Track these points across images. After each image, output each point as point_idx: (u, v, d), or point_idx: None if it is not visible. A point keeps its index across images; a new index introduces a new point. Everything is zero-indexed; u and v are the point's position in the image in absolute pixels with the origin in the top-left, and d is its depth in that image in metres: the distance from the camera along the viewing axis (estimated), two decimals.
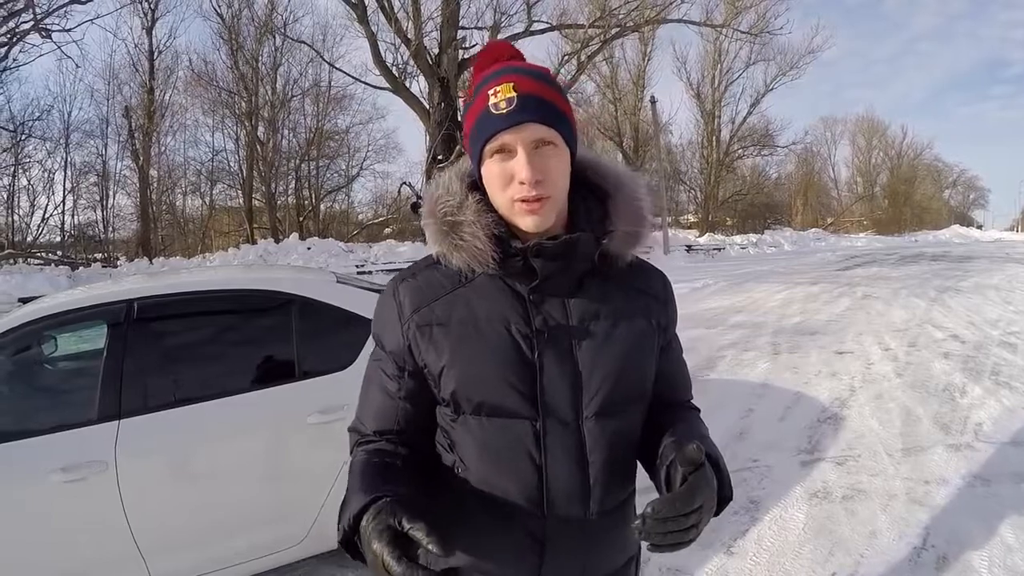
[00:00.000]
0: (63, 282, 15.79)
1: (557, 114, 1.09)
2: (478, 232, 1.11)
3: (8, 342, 2.91)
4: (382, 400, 1.19)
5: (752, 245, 34.75)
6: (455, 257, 1.13)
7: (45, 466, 2.59)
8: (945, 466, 4.11)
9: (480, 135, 1.08)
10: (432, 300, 1.15)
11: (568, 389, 1.11)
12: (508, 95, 1.06)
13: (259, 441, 2.95)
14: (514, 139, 1.06)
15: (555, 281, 1.13)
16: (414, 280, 1.19)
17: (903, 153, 59.01)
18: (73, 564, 2.69)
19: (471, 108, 1.12)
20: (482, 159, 1.10)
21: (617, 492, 1.19)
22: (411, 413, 1.18)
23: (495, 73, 1.11)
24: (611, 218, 1.17)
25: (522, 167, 1.05)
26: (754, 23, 27.90)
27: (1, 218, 26.90)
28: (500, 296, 1.14)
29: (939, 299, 11.87)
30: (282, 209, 32.08)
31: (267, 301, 3.18)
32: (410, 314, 1.15)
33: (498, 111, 1.06)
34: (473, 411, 1.12)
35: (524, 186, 1.06)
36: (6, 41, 21.59)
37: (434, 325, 1.14)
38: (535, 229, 1.09)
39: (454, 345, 1.12)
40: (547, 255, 1.10)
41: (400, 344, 1.17)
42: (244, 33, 30.24)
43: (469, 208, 1.13)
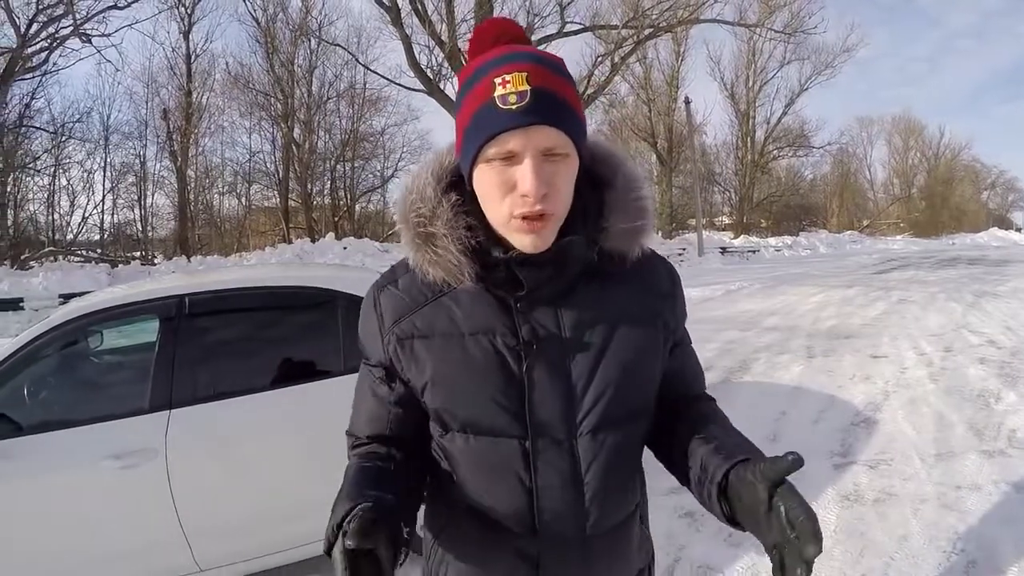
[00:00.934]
0: (103, 279, 16.15)
1: (573, 116, 0.95)
2: (451, 247, 0.99)
3: (63, 334, 3.07)
4: (374, 405, 1.13)
5: (787, 247, 34.47)
6: (430, 270, 1.03)
7: (98, 453, 2.74)
8: (978, 472, 4.12)
9: (480, 132, 0.93)
10: (412, 310, 1.07)
11: (560, 405, 1.03)
12: (520, 88, 0.90)
13: (303, 434, 3.05)
14: (522, 144, 0.91)
15: (544, 288, 1.02)
16: (394, 288, 1.10)
17: (940, 154, 57.95)
18: (121, 546, 2.82)
19: (470, 94, 0.96)
20: (476, 159, 0.95)
21: (617, 510, 1.12)
22: (403, 418, 1.11)
23: (505, 57, 0.94)
24: (608, 212, 1.05)
25: (528, 178, 0.91)
26: (788, 22, 27.54)
27: (42, 217, 27.61)
28: (484, 306, 1.04)
29: (976, 303, 11.73)
30: (318, 209, 32.45)
31: (313, 297, 3.29)
32: (390, 325, 1.08)
33: (506, 105, 0.90)
34: (460, 428, 1.05)
35: (528, 199, 0.92)
36: (47, 46, 22.19)
37: (415, 338, 1.05)
38: (533, 250, 0.97)
39: (436, 360, 1.04)
40: (534, 264, 0.99)
41: (384, 357, 1.10)
42: (279, 36, 30.71)
43: (442, 217, 1.01)
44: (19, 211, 26.40)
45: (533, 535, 1.05)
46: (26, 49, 20.93)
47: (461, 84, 0.99)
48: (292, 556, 3.09)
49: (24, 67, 21.55)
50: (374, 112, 33.22)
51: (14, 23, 20.32)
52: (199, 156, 31.39)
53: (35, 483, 2.72)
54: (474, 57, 1.00)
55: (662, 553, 3.34)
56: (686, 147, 37.00)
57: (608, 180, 1.06)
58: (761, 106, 43.28)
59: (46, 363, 3.14)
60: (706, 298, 14.51)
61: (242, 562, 2.99)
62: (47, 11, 21.16)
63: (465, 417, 1.04)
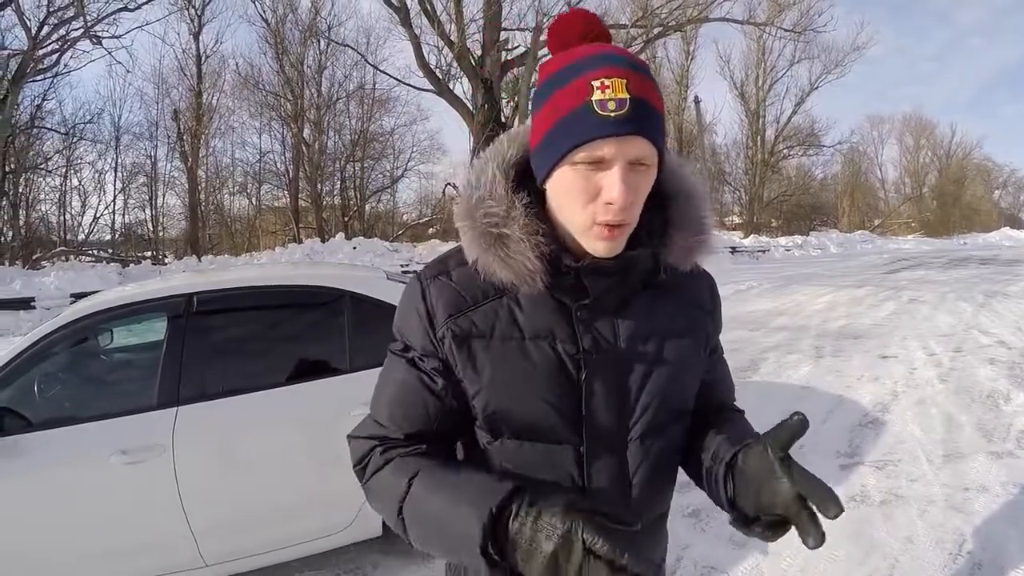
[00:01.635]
0: (114, 279, 16.25)
1: (662, 126, 0.94)
2: (527, 252, 0.96)
3: (73, 332, 3.11)
4: (421, 399, 1.04)
5: (797, 247, 34.33)
6: (499, 271, 0.98)
7: (107, 449, 2.78)
8: (986, 473, 4.10)
9: (572, 135, 0.89)
10: (470, 308, 1.02)
11: (615, 413, 1.03)
12: (620, 95, 0.87)
13: (310, 430, 3.08)
14: (615, 152, 0.88)
15: (606, 298, 1.02)
16: (447, 280, 1.04)
17: (952, 153, 57.62)
18: (128, 541, 2.86)
19: (560, 91, 0.92)
20: (562, 161, 0.92)
21: (658, 508, 1.14)
22: (452, 416, 1.05)
23: (603, 57, 0.91)
24: (672, 228, 1.05)
25: (616, 186, 0.88)
26: (797, 21, 27.57)
27: (53, 217, 27.89)
28: (546, 311, 1.01)
29: (987, 304, 11.67)
30: (328, 209, 32.54)
31: (321, 296, 3.32)
32: (444, 320, 1.01)
33: (605, 112, 0.87)
34: (513, 434, 1.02)
35: (612, 208, 0.90)
36: (58, 48, 22.37)
37: (473, 338, 1.01)
38: (605, 255, 0.96)
39: (496, 362, 1.00)
40: (604, 273, 0.99)
41: (435, 350, 1.03)
42: (289, 37, 30.80)
43: (517, 220, 0.97)
44: (31, 211, 26.64)
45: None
46: (37, 51, 21.08)
47: (547, 77, 0.96)
48: (298, 552, 3.12)
49: (35, 69, 21.71)
50: (384, 112, 33.34)
51: (25, 25, 20.50)
52: (209, 156, 31.63)
53: (45, 478, 2.77)
54: (558, 51, 0.99)
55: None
56: (696, 146, 36.92)
57: (674, 194, 1.06)
58: (771, 105, 43.15)
59: (56, 360, 3.18)
60: None
61: (248, 557, 3.02)
62: (58, 13, 21.34)
63: (522, 423, 1.01)
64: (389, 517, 1.01)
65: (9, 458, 2.72)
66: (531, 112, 1.01)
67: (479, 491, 0.91)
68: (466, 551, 0.88)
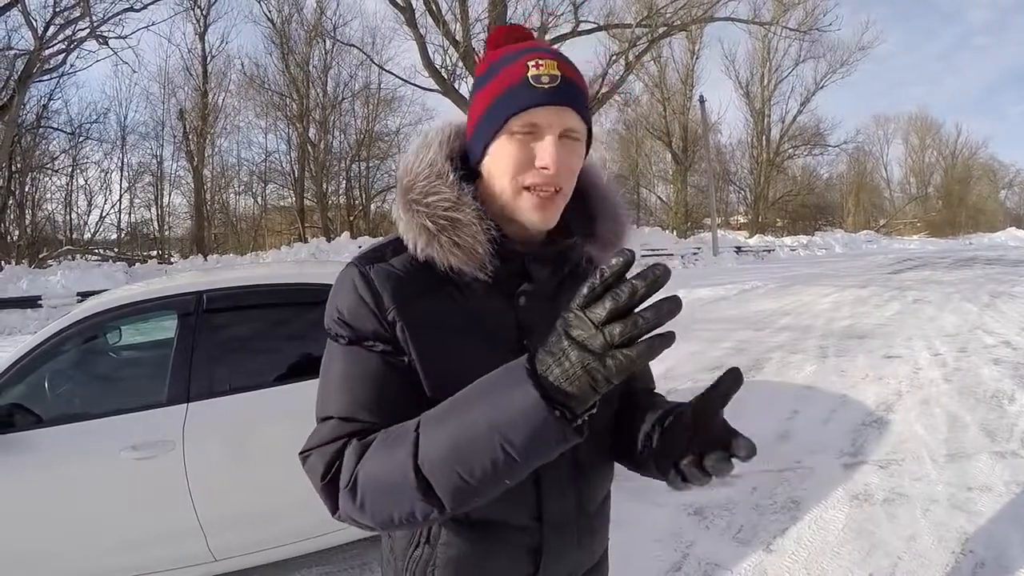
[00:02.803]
0: (120, 278, 16.31)
1: (589, 113, 1.02)
2: (479, 235, 0.98)
3: (83, 329, 3.14)
4: (384, 384, 0.98)
5: (802, 247, 34.32)
6: (447, 256, 0.98)
7: (117, 444, 2.81)
8: (989, 473, 4.11)
9: (510, 105, 0.96)
10: (415, 295, 1.00)
11: None
12: (552, 71, 0.96)
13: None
14: (549, 120, 0.95)
15: (543, 284, 1.05)
16: (390, 267, 1.02)
17: (957, 152, 57.50)
18: (138, 535, 2.90)
19: (498, 75, 0.99)
20: (498, 132, 0.97)
21: (602, 490, 1.16)
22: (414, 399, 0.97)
23: (537, 47, 1.00)
24: (597, 220, 1.11)
25: (549, 150, 0.94)
26: (802, 20, 27.45)
27: (60, 216, 28.05)
28: (488, 298, 1.02)
29: (992, 304, 11.66)
30: (333, 208, 32.68)
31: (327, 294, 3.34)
32: (391, 305, 0.98)
33: (539, 84, 0.95)
34: None
35: (546, 172, 0.95)
36: (64, 48, 22.43)
37: (421, 325, 0.99)
38: (540, 226, 1.00)
39: (441, 350, 0.99)
40: (542, 261, 1.04)
41: (386, 335, 0.99)
42: (294, 37, 31.03)
43: (469, 206, 0.99)
44: (37, 210, 26.76)
45: (536, 521, 1.05)
46: (44, 51, 21.14)
47: (484, 70, 1.03)
48: (305, 547, 3.14)
49: (42, 69, 21.78)
50: (389, 112, 33.44)
51: (31, 25, 20.55)
52: (215, 156, 31.85)
53: (56, 473, 2.80)
54: (493, 52, 1.05)
55: (669, 550, 3.37)
56: (701, 146, 36.92)
57: (592, 188, 1.12)
58: (776, 104, 43.18)
59: (66, 357, 3.21)
60: (720, 297, 14.49)
61: (257, 552, 3.06)
62: (64, 13, 21.42)
63: None
64: (398, 486, 0.86)
65: (20, 453, 2.75)
66: (469, 104, 1.07)
67: (499, 378, 0.83)
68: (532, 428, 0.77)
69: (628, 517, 3.56)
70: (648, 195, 45.90)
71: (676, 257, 25.83)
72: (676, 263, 25.29)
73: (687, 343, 8.71)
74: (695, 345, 8.59)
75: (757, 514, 3.72)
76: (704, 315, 11.55)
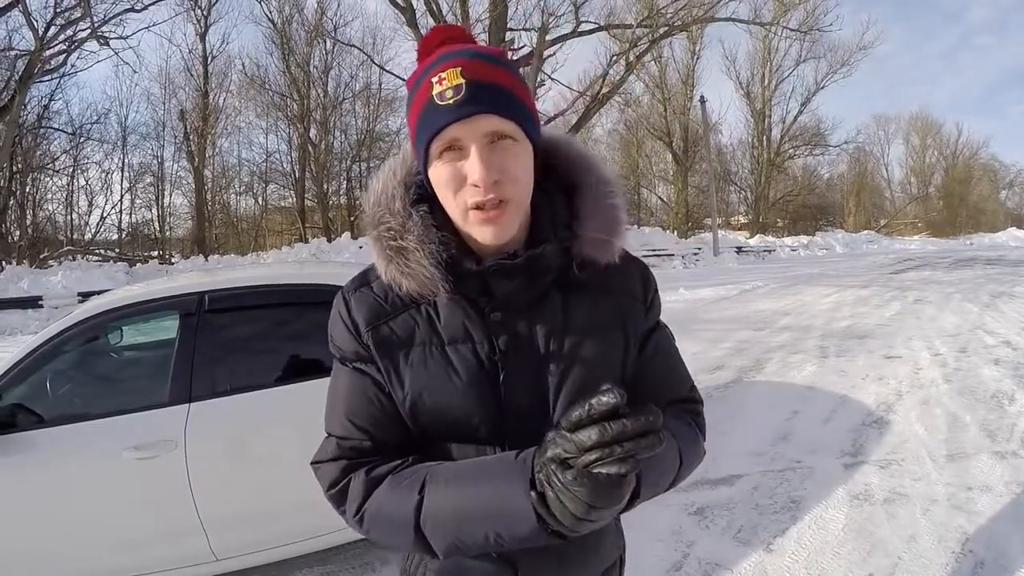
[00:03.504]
0: (121, 278, 16.32)
1: (514, 102, 0.95)
2: (423, 260, 0.97)
3: (85, 330, 3.15)
4: (371, 396, 1.04)
5: (803, 247, 34.33)
6: (404, 282, 1.00)
7: (119, 444, 2.82)
8: (989, 473, 4.11)
9: (425, 131, 0.93)
10: (389, 316, 1.03)
11: (536, 412, 1.01)
12: (455, 82, 0.91)
13: (319, 426, 3.10)
14: (464, 133, 0.91)
15: (516, 297, 1.01)
16: (368, 291, 1.06)
17: (958, 152, 57.43)
18: (140, 535, 2.90)
19: (413, 100, 0.97)
20: (429, 160, 0.96)
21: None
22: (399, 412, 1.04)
23: (439, 58, 0.95)
24: (582, 218, 1.04)
25: (475, 167, 0.91)
26: (803, 20, 27.52)
27: (60, 216, 28.09)
28: (462, 315, 1.01)
29: (992, 304, 11.65)
30: (334, 209, 32.65)
31: (329, 294, 3.35)
32: (365, 330, 1.03)
33: (444, 101, 0.91)
34: (440, 438, 1.02)
35: (478, 189, 0.91)
36: (65, 48, 22.45)
37: (394, 346, 1.02)
38: (494, 242, 0.96)
39: (416, 369, 1.01)
40: (507, 274, 0.99)
41: (366, 355, 1.04)
42: (295, 37, 31.03)
43: (413, 231, 0.99)
44: (38, 211, 26.80)
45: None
46: (44, 52, 21.15)
47: (409, 87, 1.00)
48: (306, 547, 3.15)
49: (43, 69, 21.80)
50: (389, 112, 33.34)
51: (32, 26, 20.55)
52: (216, 156, 31.86)
53: (58, 472, 2.81)
54: (421, 61, 1.02)
55: (670, 549, 3.37)
56: (702, 146, 36.92)
57: (580, 184, 1.06)
58: (777, 104, 43.15)
59: (68, 358, 3.21)
60: (720, 297, 14.49)
61: (257, 552, 3.06)
62: (65, 14, 21.42)
63: (446, 427, 1.01)
64: (400, 535, 0.95)
65: (22, 453, 2.76)
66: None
67: (502, 477, 0.89)
68: (519, 526, 0.86)
69: (628, 517, 3.54)
70: (649, 195, 45.93)
71: (677, 257, 25.86)
72: (677, 263, 25.31)
73: (688, 343, 8.71)
74: (696, 345, 8.59)
75: (757, 514, 3.72)
76: (705, 315, 11.57)
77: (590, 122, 28.09)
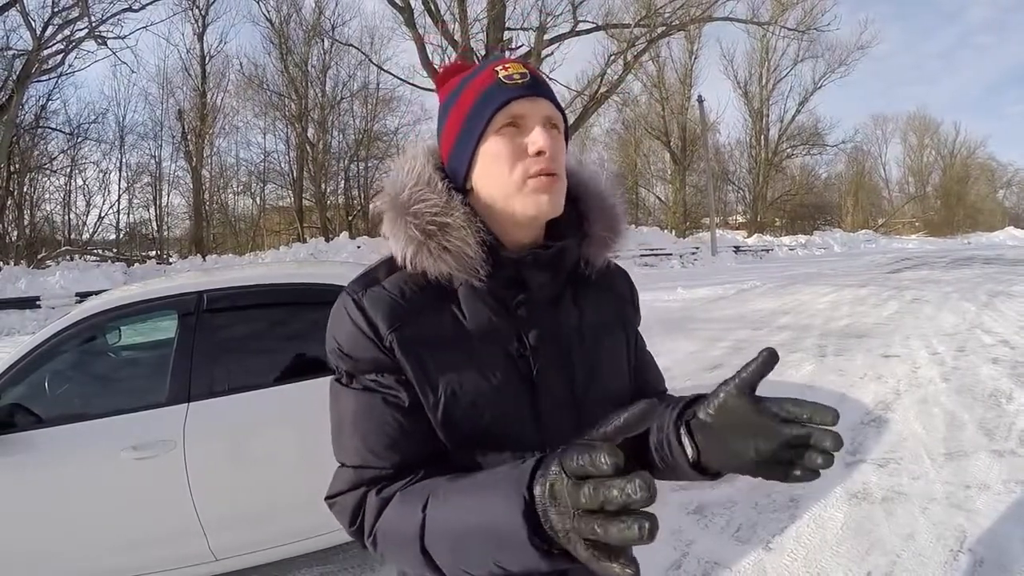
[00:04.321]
0: (119, 278, 16.30)
1: (561, 107, 1.03)
2: (468, 238, 0.95)
3: (83, 330, 3.14)
4: (395, 421, 0.96)
5: (801, 246, 34.40)
6: (437, 263, 0.96)
7: (118, 444, 2.82)
8: (987, 471, 4.12)
9: (490, 105, 0.96)
10: (411, 315, 0.97)
11: (568, 410, 1.00)
12: (521, 71, 0.98)
13: (319, 426, 3.10)
14: (529, 111, 0.96)
15: (543, 290, 1.02)
16: (382, 290, 0.99)
17: (956, 152, 57.59)
18: (139, 535, 2.90)
19: (468, 88, 1.00)
20: (484, 135, 0.97)
21: None
22: (429, 431, 0.96)
23: (495, 59, 1.03)
24: (588, 221, 1.07)
25: (542, 135, 0.94)
26: (801, 19, 27.49)
27: (58, 216, 28.00)
28: (488, 310, 0.98)
29: (990, 303, 11.67)
30: (332, 208, 32.61)
31: (328, 294, 3.34)
32: (388, 331, 0.95)
33: (511, 82, 0.97)
34: (474, 444, 0.96)
35: (543, 156, 0.94)
36: (62, 48, 22.40)
37: (420, 346, 0.96)
38: (550, 211, 0.97)
39: (447, 371, 0.95)
40: (538, 266, 1.00)
41: (388, 361, 0.96)
42: (293, 37, 30.95)
43: (457, 209, 0.97)
44: (36, 211, 26.74)
45: None
46: (42, 51, 21.12)
47: (447, 95, 1.04)
48: (305, 547, 3.14)
49: (40, 69, 21.76)
50: (387, 112, 33.31)
51: (30, 26, 20.53)
52: (214, 156, 31.77)
53: (57, 472, 2.80)
54: (448, 81, 1.07)
55: (669, 548, 3.37)
56: (699, 146, 36.92)
57: (580, 189, 1.09)
58: (775, 104, 43.28)
59: (66, 358, 3.21)
60: (718, 297, 14.50)
61: (256, 552, 3.06)
62: (62, 14, 21.40)
63: (481, 431, 0.95)
64: (410, 558, 0.87)
65: (21, 453, 2.76)
66: (439, 129, 1.06)
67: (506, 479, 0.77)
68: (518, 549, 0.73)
69: None
70: (647, 195, 45.92)
71: (675, 256, 25.87)
72: (675, 263, 25.32)
73: (686, 342, 8.73)
74: (694, 344, 8.60)
75: (756, 512, 3.72)
76: (703, 314, 11.57)
77: (588, 122, 28.08)
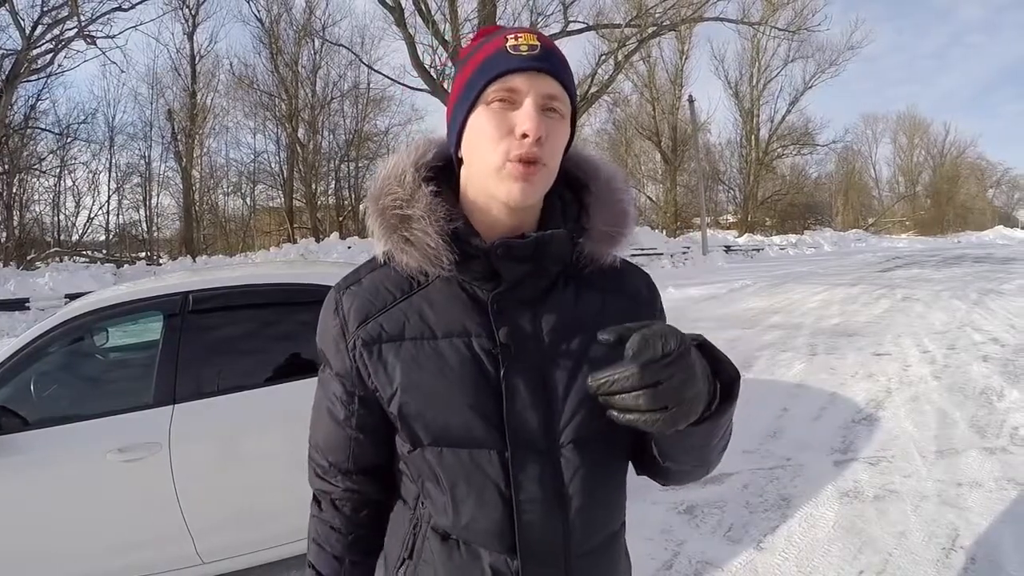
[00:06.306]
0: (109, 279, 16.18)
1: (570, 79, 0.95)
2: (428, 228, 0.93)
3: (69, 331, 3.11)
4: (332, 428, 1.05)
5: (791, 246, 34.43)
6: (404, 257, 0.95)
7: (103, 446, 2.79)
8: (979, 469, 4.12)
9: (485, 73, 0.91)
10: (379, 311, 0.98)
11: (540, 413, 0.94)
12: (531, 42, 0.91)
13: (305, 427, 3.08)
14: (527, 85, 0.89)
15: (523, 286, 0.96)
16: (358, 287, 1.01)
17: (946, 151, 57.86)
18: (125, 538, 2.87)
19: (478, 53, 0.95)
20: (476, 104, 0.92)
21: (602, 527, 1.02)
22: (365, 444, 1.03)
23: (515, 28, 0.95)
24: (588, 214, 1.01)
25: (530, 116, 0.88)
26: (792, 20, 27.53)
27: (47, 218, 27.75)
28: (458, 304, 0.97)
29: (980, 301, 11.72)
30: (322, 209, 32.55)
31: (316, 294, 3.32)
32: (355, 328, 0.98)
33: (517, 52, 0.90)
34: (432, 442, 0.95)
35: (526, 140, 0.88)
36: (52, 48, 22.17)
37: (383, 342, 0.96)
38: (520, 200, 0.91)
39: (407, 366, 0.95)
40: (515, 256, 0.93)
41: (347, 365, 1.00)
42: (283, 37, 30.80)
43: (420, 200, 0.95)
44: (25, 212, 26.51)
45: (512, 554, 0.95)
46: (31, 51, 20.97)
47: (463, 56, 0.98)
48: (292, 550, 3.11)
49: (29, 69, 21.59)
50: (378, 112, 33.26)
51: (19, 25, 20.37)
52: (204, 157, 31.60)
53: (42, 475, 2.77)
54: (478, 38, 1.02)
55: (660, 548, 3.36)
56: (690, 145, 36.93)
57: (588, 181, 1.03)
58: (765, 104, 43.19)
59: (52, 359, 3.17)
60: (710, 296, 14.51)
61: (244, 555, 3.03)
62: (52, 13, 21.22)
63: (438, 428, 0.94)
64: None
65: (6, 456, 2.72)
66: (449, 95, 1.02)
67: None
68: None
69: None
70: (638, 195, 45.86)
71: (665, 256, 25.87)
72: (665, 262, 25.33)
73: None
74: None
75: (748, 512, 3.72)
76: (694, 314, 11.56)
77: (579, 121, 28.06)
